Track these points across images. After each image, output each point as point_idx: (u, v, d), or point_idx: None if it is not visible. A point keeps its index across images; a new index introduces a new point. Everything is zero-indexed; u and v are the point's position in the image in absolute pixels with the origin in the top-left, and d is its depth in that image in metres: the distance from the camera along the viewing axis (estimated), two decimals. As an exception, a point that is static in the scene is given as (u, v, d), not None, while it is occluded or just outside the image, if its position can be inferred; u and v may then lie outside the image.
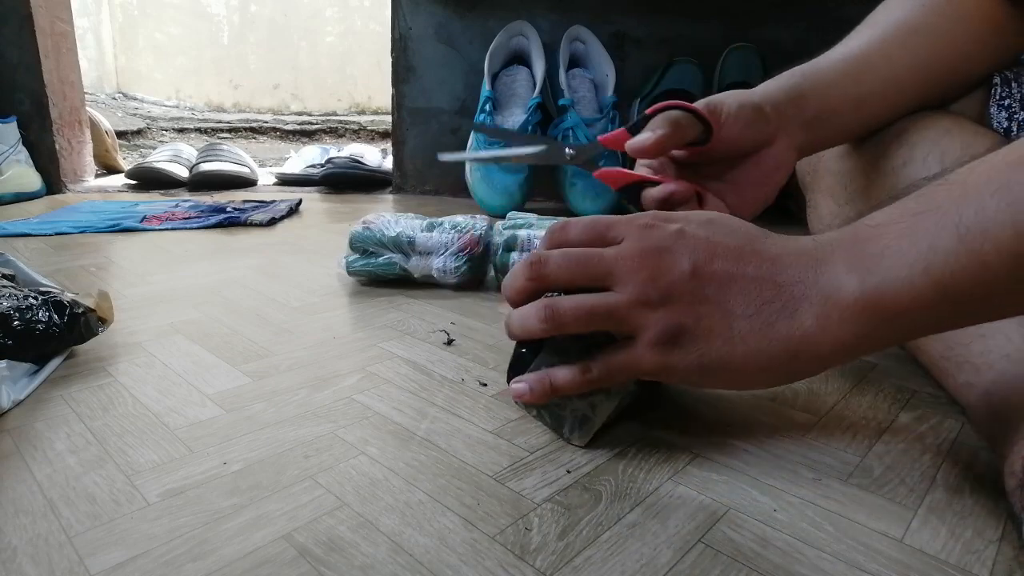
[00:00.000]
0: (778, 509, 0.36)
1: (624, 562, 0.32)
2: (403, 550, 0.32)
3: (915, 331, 0.35)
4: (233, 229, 1.05)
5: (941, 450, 0.42)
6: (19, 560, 0.31)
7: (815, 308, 0.33)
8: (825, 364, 0.35)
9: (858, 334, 0.33)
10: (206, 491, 0.37)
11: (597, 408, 0.41)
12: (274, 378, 0.51)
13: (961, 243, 0.29)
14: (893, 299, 0.31)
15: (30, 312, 0.49)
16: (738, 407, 0.48)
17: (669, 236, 0.36)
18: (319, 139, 2.33)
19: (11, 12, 1.27)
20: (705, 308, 0.35)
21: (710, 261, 0.36)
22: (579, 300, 0.37)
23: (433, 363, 0.54)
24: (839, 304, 0.33)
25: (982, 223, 0.29)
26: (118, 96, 2.51)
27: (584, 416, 0.41)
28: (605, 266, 0.37)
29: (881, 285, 0.32)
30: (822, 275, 0.34)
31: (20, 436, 0.42)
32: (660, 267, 0.36)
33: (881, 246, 0.32)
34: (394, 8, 1.35)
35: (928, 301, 0.31)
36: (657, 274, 0.36)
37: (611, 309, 0.36)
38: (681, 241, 0.36)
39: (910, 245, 0.31)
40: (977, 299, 0.31)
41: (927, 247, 0.30)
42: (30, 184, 1.28)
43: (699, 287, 0.35)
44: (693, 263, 0.35)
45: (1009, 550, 0.33)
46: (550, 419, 0.43)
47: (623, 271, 0.36)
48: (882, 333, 0.33)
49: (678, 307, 0.35)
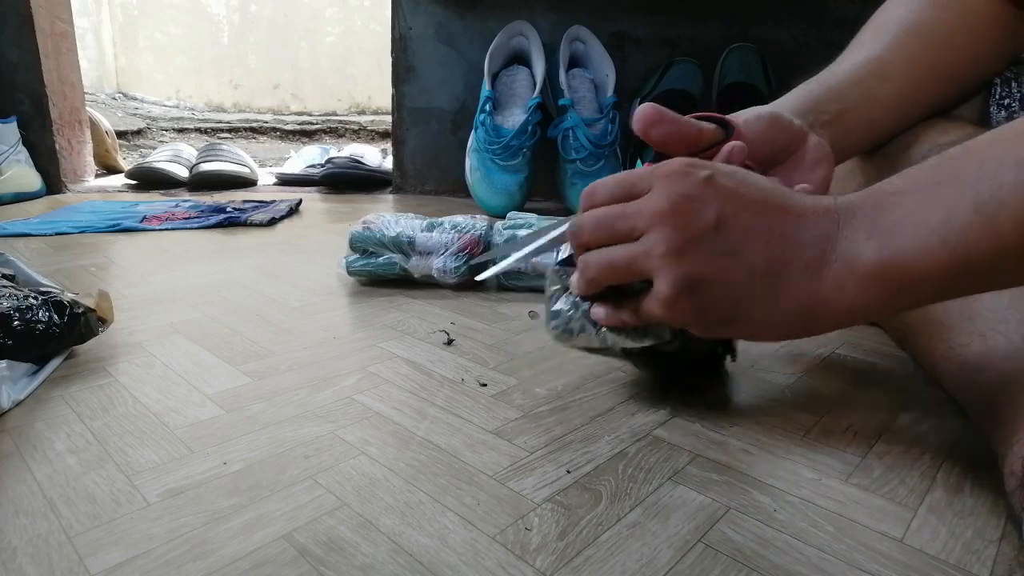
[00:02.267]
0: (778, 509, 0.36)
1: (624, 562, 0.32)
2: (403, 550, 0.32)
3: (930, 297, 0.36)
4: (233, 229, 1.05)
5: (941, 450, 0.42)
6: (19, 560, 0.31)
7: (834, 271, 0.34)
8: (839, 324, 0.37)
9: (874, 298, 0.34)
10: (206, 491, 0.37)
11: (627, 336, 0.42)
12: (274, 378, 0.51)
13: (978, 214, 0.30)
14: (909, 267, 0.33)
15: (30, 312, 0.49)
16: (738, 407, 0.48)
17: (697, 184, 0.36)
18: (319, 139, 2.33)
19: (11, 12, 1.27)
20: (728, 260, 0.35)
21: (737, 213, 0.35)
22: (602, 254, 0.38)
23: (433, 363, 0.54)
24: (857, 270, 0.34)
25: (999, 196, 0.30)
26: (118, 96, 2.51)
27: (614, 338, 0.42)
28: (629, 221, 0.37)
29: (898, 253, 0.33)
30: (843, 239, 0.34)
31: (20, 436, 0.42)
32: (686, 215, 0.35)
33: (899, 214, 0.33)
34: (394, 8, 1.35)
35: (943, 270, 0.32)
36: (682, 222, 0.35)
37: (632, 258, 0.37)
38: (710, 189, 0.35)
39: (928, 215, 0.32)
40: (990, 267, 0.32)
41: (944, 218, 0.31)
42: (30, 184, 1.29)
43: (724, 238, 0.35)
44: (719, 213, 0.35)
45: (1009, 550, 0.33)
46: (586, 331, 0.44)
47: (648, 221, 0.36)
48: (897, 298, 0.34)
49: (701, 257, 0.35)
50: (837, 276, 0.34)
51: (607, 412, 0.46)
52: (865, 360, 0.57)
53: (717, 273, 0.36)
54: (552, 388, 0.50)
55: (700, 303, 0.36)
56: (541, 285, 0.73)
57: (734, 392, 0.50)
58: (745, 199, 0.36)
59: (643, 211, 0.36)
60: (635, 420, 0.45)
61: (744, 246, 0.35)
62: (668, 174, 0.36)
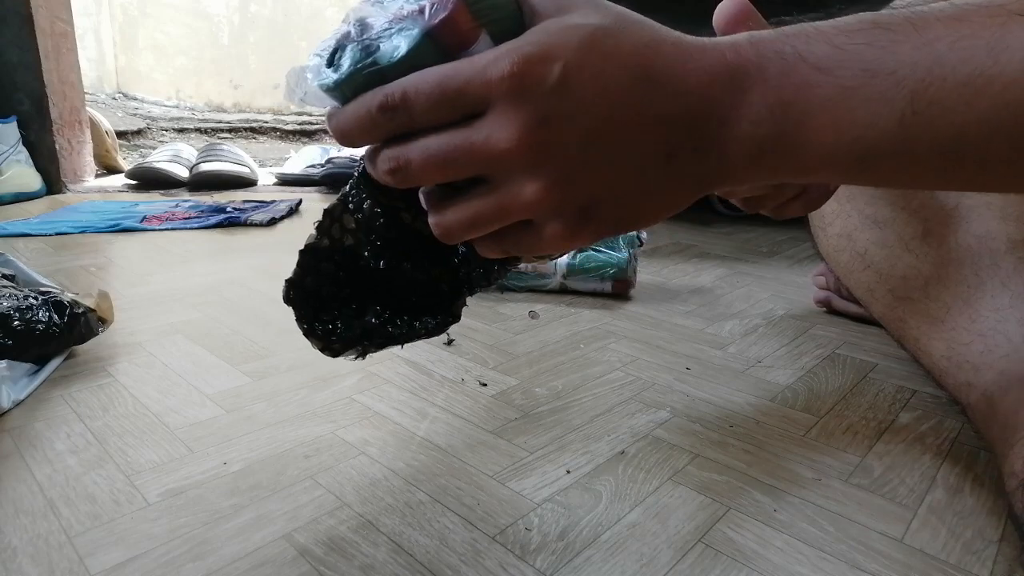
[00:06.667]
0: (778, 509, 0.36)
1: (624, 562, 0.32)
2: (403, 550, 0.32)
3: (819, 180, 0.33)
4: (233, 229, 1.05)
5: (941, 450, 0.42)
6: (19, 560, 0.31)
7: (727, 149, 0.29)
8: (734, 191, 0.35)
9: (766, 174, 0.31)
10: (206, 491, 0.37)
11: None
12: (274, 378, 0.51)
13: (901, 127, 0.27)
14: (806, 159, 0.29)
15: (30, 312, 0.49)
16: (738, 407, 0.48)
17: (551, 93, 0.28)
18: (319, 139, 2.33)
19: (11, 12, 1.27)
20: (612, 172, 0.30)
21: (608, 118, 0.28)
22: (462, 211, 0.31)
23: (433, 363, 0.54)
24: (750, 151, 0.29)
25: (931, 117, 0.26)
26: (118, 96, 2.51)
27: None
28: (482, 165, 0.29)
29: (798, 146, 0.28)
30: (735, 111, 0.29)
31: (20, 436, 0.42)
32: (547, 147, 0.28)
33: (814, 100, 0.28)
34: (394, 8, 1.34)
35: (841, 167, 0.29)
36: (545, 156, 0.28)
37: (500, 211, 0.30)
38: (568, 97, 0.28)
39: (846, 112, 0.27)
40: (890, 177, 0.30)
41: (864, 122, 0.27)
42: (30, 184, 1.28)
43: (601, 150, 0.29)
44: (588, 127, 0.28)
45: (1009, 550, 0.33)
46: None
47: (506, 167, 0.29)
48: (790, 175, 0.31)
49: (582, 182, 0.29)
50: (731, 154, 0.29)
51: (607, 412, 0.46)
52: (865, 360, 0.57)
53: (609, 187, 0.30)
54: (552, 388, 0.50)
55: (599, 224, 0.31)
56: (541, 285, 0.73)
57: (734, 392, 0.50)
58: (613, 93, 0.28)
59: (490, 149, 0.28)
60: (635, 420, 0.45)
61: (625, 148, 0.29)
62: (510, 87, 0.27)
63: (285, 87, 0.30)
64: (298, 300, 0.34)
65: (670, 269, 0.86)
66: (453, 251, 0.35)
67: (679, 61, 0.29)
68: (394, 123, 0.29)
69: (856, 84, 0.27)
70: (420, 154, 0.29)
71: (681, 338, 0.61)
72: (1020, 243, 0.46)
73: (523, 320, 0.65)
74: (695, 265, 0.88)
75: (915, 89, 0.26)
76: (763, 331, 0.64)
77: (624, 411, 0.47)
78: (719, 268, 0.87)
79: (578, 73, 0.28)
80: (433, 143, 0.29)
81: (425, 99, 0.28)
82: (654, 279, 0.81)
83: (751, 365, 0.55)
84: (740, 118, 0.29)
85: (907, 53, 0.27)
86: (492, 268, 0.36)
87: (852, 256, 0.56)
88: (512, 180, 0.29)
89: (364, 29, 0.29)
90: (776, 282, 0.81)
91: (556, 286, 0.74)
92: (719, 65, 0.29)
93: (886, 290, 0.52)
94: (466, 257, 0.35)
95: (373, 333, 0.34)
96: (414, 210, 0.34)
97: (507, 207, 0.30)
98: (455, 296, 0.36)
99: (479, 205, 0.30)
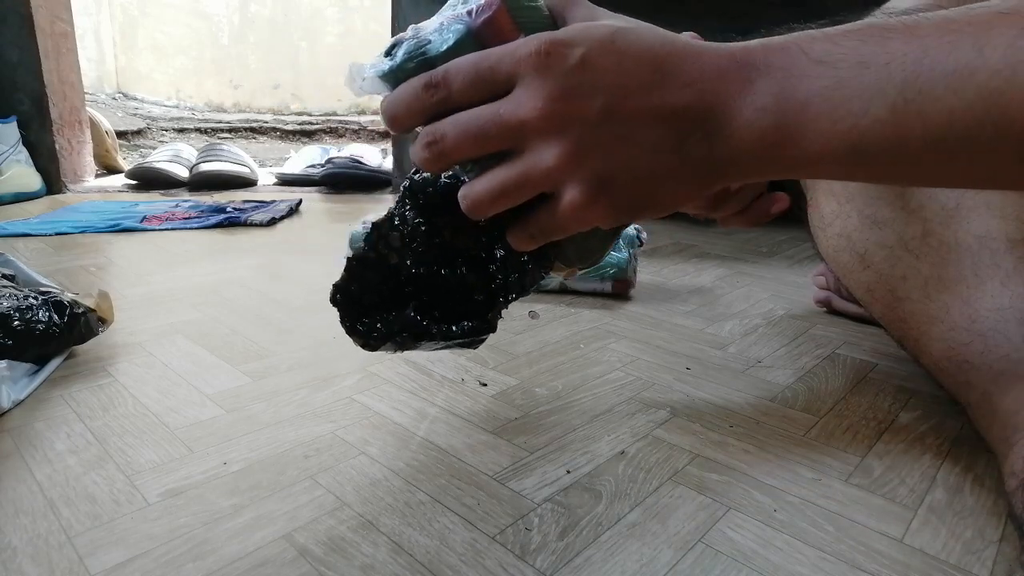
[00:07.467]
0: (778, 509, 0.36)
1: (624, 562, 0.32)
2: (403, 550, 0.32)
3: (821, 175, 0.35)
4: (233, 229, 1.05)
5: (941, 450, 0.42)
6: (19, 560, 0.31)
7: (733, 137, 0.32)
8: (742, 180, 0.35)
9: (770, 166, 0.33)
10: (206, 491, 0.37)
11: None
12: (274, 378, 0.51)
13: (893, 114, 0.29)
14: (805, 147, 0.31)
15: (30, 312, 0.49)
16: (738, 407, 0.48)
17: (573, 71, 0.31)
18: (319, 139, 2.33)
19: (11, 12, 1.27)
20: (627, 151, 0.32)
21: (624, 98, 0.32)
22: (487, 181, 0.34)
23: (433, 363, 0.54)
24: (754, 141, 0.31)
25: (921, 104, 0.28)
26: (118, 96, 2.51)
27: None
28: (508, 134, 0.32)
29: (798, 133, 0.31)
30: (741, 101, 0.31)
31: (20, 436, 0.42)
32: (569, 114, 0.31)
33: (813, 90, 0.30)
34: (394, 8, 1.34)
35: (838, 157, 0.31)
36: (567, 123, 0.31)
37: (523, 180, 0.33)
38: (588, 75, 0.31)
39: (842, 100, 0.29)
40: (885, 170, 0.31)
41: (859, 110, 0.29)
42: (30, 184, 1.28)
43: (617, 129, 0.32)
44: (605, 104, 0.31)
45: (1009, 550, 0.33)
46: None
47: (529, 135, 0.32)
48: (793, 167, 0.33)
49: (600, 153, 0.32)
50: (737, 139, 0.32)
51: (607, 412, 0.46)
52: (865, 360, 0.57)
53: (623, 167, 0.32)
54: (552, 388, 0.50)
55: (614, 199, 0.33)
56: (541, 285, 0.73)
57: (734, 392, 0.50)
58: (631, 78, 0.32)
59: (518, 116, 0.31)
60: (635, 420, 0.45)
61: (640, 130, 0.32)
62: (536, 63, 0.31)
63: (347, 76, 0.34)
64: (343, 303, 0.38)
65: (670, 269, 0.86)
66: (490, 259, 0.39)
67: (691, 56, 0.32)
68: (435, 98, 0.32)
69: (851, 75, 0.29)
70: (453, 126, 0.32)
71: (681, 338, 0.61)
72: (1020, 243, 0.46)
73: (523, 320, 0.65)
74: (695, 265, 0.88)
75: (906, 79, 0.28)
76: (763, 331, 0.64)
77: (624, 411, 0.47)
78: (719, 268, 0.87)
79: (598, 58, 0.31)
80: (464, 115, 0.32)
81: (463, 76, 0.32)
82: (654, 279, 0.81)
83: (751, 365, 0.55)
84: (746, 107, 0.31)
85: (899, 47, 0.29)
86: (526, 272, 0.39)
87: (852, 256, 0.56)
88: (535, 149, 0.32)
89: (419, 30, 0.34)
90: (776, 282, 0.81)
91: (556, 286, 0.74)
92: (728, 60, 0.32)
93: (886, 290, 0.52)
94: (503, 261, 0.38)
95: (411, 325, 0.38)
96: (453, 227, 0.38)
97: (529, 173, 0.32)
98: (491, 303, 0.39)
99: (504, 173, 0.33)
